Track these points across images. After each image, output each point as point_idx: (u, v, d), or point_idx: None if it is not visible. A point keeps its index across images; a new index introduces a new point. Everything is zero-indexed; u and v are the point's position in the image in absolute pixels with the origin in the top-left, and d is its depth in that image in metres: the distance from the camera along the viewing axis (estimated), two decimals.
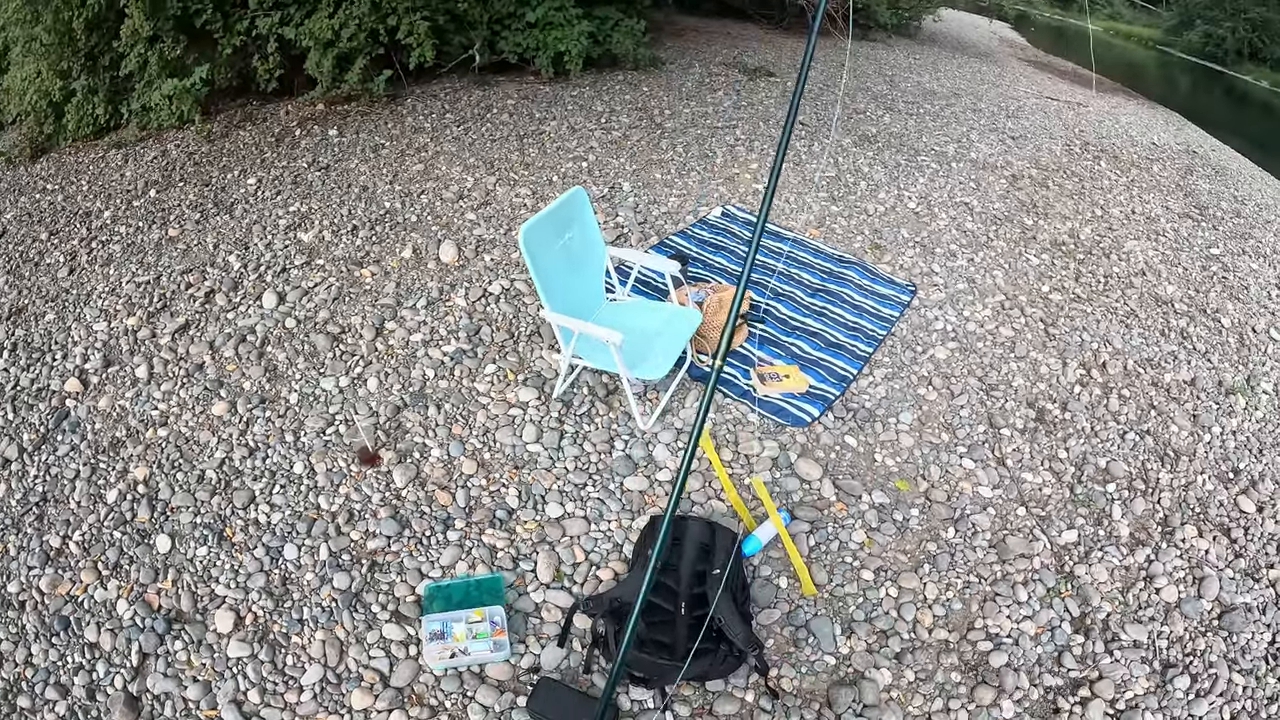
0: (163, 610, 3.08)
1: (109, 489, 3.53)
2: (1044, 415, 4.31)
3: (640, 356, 3.75)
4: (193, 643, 2.98)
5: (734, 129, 7.29)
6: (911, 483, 3.84)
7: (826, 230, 5.82)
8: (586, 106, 7.46)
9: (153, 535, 3.35)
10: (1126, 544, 3.68)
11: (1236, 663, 3.26)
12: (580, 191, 3.90)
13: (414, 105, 7.19)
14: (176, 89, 6.16)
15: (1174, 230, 6.41)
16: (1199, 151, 8.50)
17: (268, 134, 6.53)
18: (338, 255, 5.01)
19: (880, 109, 8.29)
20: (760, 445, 3.93)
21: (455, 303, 4.65)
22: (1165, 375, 4.70)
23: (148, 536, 3.34)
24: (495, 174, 6.10)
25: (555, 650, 3.02)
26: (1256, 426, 4.43)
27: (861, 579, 3.39)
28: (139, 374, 4.10)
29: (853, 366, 4.45)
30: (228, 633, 3.02)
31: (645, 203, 5.91)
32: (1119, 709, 3.05)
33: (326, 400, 3.99)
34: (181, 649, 2.97)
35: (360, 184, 5.82)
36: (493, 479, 3.66)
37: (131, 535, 3.35)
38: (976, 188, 6.67)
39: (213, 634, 3.01)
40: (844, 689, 2.99)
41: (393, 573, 3.24)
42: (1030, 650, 3.21)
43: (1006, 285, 5.35)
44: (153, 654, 2.95)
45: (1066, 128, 8.52)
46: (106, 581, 3.18)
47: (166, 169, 6.00)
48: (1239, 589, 3.54)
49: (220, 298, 4.61)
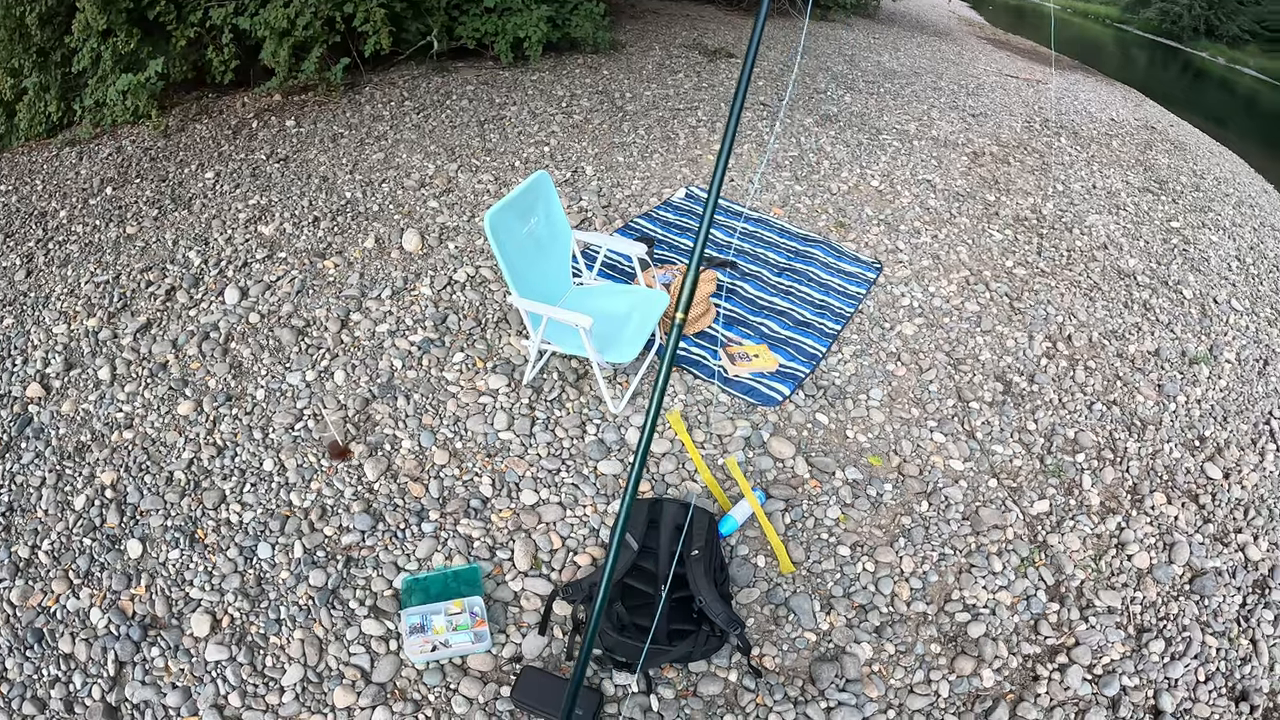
0: (137, 617, 3.03)
1: (76, 495, 3.46)
2: (1012, 388, 4.34)
3: (609, 340, 3.73)
4: (170, 648, 2.94)
5: (696, 110, 7.27)
6: (884, 458, 3.86)
7: (790, 210, 5.83)
8: (547, 91, 7.41)
9: (123, 540, 3.28)
10: (1097, 512, 3.73)
11: (1209, 625, 3.31)
12: (544, 176, 3.87)
13: (372, 94, 7.10)
14: (131, 84, 6.03)
15: (1134, 204, 6.48)
16: (1157, 127, 8.60)
17: (224, 126, 6.42)
18: (300, 247, 4.94)
19: (841, 89, 8.30)
20: (732, 425, 3.93)
21: (421, 292, 4.61)
22: (1130, 346, 4.76)
23: (118, 542, 3.28)
24: (457, 160, 6.04)
25: (536, 638, 3.01)
26: (1220, 395, 4.49)
27: (838, 555, 3.41)
28: (102, 376, 4.02)
29: (821, 344, 4.46)
30: (205, 636, 2.97)
31: (608, 186, 5.88)
32: (1096, 674, 3.10)
33: (294, 395, 3.94)
34: (159, 655, 2.92)
35: (320, 174, 5.74)
36: (465, 468, 3.63)
37: (102, 542, 3.28)
38: (939, 165, 6.70)
39: (190, 638, 2.97)
40: (826, 665, 3.00)
41: (369, 567, 3.21)
42: (1007, 619, 3.25)
43: (971, 261, 5.39)
44: (130, 662, 2.90)
45: (1026, 105, 8.58)
46: (79, 590, 3.11)
47: (122, 165, 5.88)
48: (1209, 554, 3.60)
49: (181, 295, 4.52)
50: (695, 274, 2.45)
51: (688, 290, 2.45)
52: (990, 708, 2.97)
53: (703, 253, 2.43)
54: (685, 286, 2.45)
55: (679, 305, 2.45)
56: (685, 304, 2.45)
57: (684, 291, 2.45)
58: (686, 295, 2.45)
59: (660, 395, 2.42)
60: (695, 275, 2.45)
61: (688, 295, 2.45)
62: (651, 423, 2.44)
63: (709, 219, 2.40)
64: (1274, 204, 7.30)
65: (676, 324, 2.46)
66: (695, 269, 2.45)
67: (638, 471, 2.42)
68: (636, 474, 2.42)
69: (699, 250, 2.40)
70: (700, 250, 2.40)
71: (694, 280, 2.46)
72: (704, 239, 2.39)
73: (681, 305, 2.45)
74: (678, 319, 2.46)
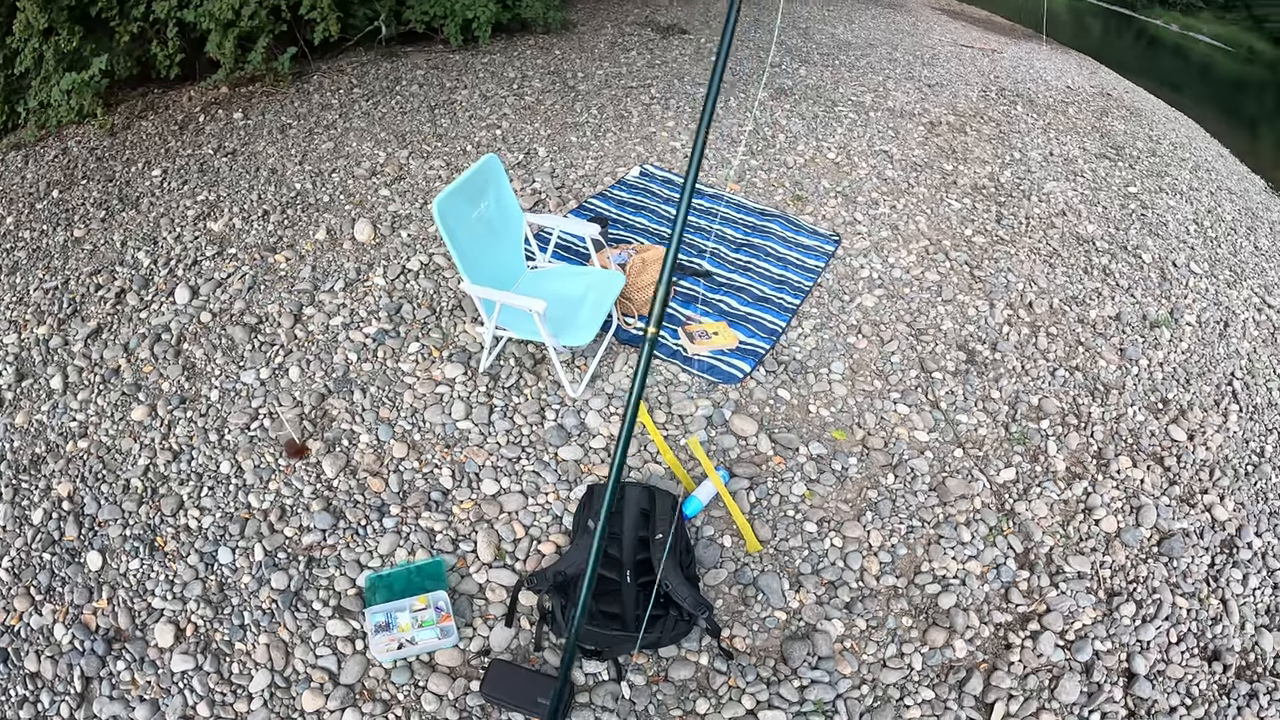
0: (101, 630, 2.95)
1: (34, 509, 3.36)
2: (974, 357, 4.34)
3: (565, 323, 3.70)
4: (135, 661, 2.87)
5: (649, 88, 7.21)
6: (848, 432, 3.85)
7: (746, 185, 5.80)
8: (498, 73, 7.31)
9: (83, 553, 3.20)
10: (1063, 478, 3.75)
11: (1179, 586, 3.34)
12: (493, 159, 3.80)
13: (320, 82, 6.97)
14: (75, 83, 5.87)
15: (1092, 171, 6.50)
16: (1113, 94, 8.62)
17: (171, 122, 6.27)
18: (250, 242, 4.84)
19: (796, 61, 8.26)
20: (694, 405, 3.90)
21: (374, 282, 4.53)
22: (1090, 312, 4.78)
23: (78, 555, 3.19)
24: (407, 147, 5.95)
25: (504, 631, 2.97)
26: (1182, 357, 4.52)
27: (805, 531, 3.39)
28: (54, 385, 3.91)
29: (781, 319, 4.44)
30: (169, 646, 2.90)
31: (562, 167, 5.82)
32: (1069, 639, 3.11)
33: (248, 394, 3.86)
34: (125, 669, 2.85)
35: (269, 167, 5.63)
36: (425, 460, 3.58)
37: (61, 556, 3.19)
38: (895, 136, 6.69)
39: (154, 649, 2.90)
40: (797, 643, 2.99)
41: (331, 567, 3.16)
42: (978, 589, 3.25)
43: (930, 230, 5.38)
44: (96, 677, 2.83)
45: (982, 74, 8.57)
46: (41, 607, 3.03)
47: (68, 167, 5.74)
48: (1175, 515, 3.63)
49: (131, 297, 4.42)
50: (667, 290, 2.41)
51: (659, 307, 2.40)
52: (964, 678, 2.97)
53: (674, 264, 2.39)
54: (657, 304, 2.41)
55: (651, 319, 2.40)
56: (658, 319, 2.41)
57: (654, 307, 2.41)
58: (658, 311, 2.41)
59: (635, 404, 2.37)
60: (667, 291, 2.41)
61: (659, 310, 2.41)
62: (626, 435, 2.39)
63: (681, 226, 2.36)
64: (1230, 168, 7.35)
65: (648, 341, 2.42)
66: (667, 284, 2.41)
67: (612, 489, 2.38)
68: (612, 491, 2.38)
69: (670, 262, 2.35)
70: (671, 263, 2.36)
71: (665, 294, 2.42)
72: (675, 251, 2.34)
73: (654, 320, 2.40)
74: (649, 335, 2.42)
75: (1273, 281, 5.36)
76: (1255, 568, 3.47)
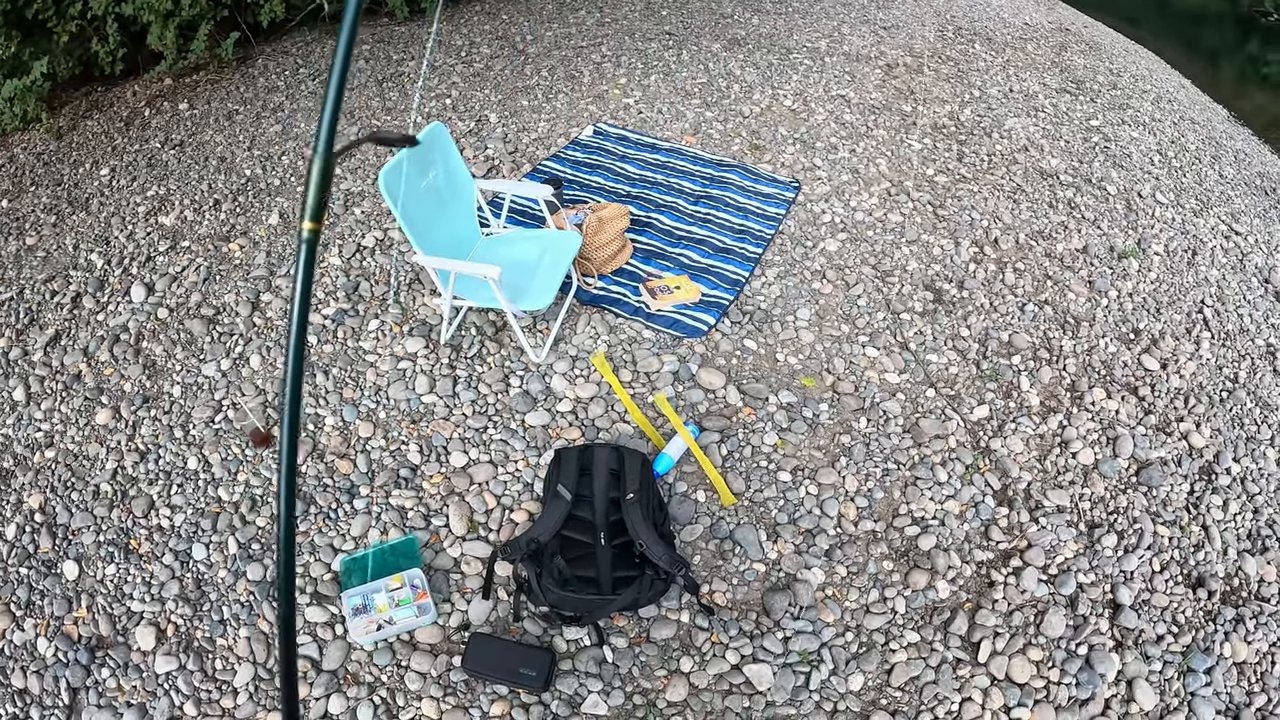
0: (83, 640, 2.92)
1: (7, 524, 3.30)
2: (942, 296, 4.32)
3: (522, 288, 3.66)
4: (120, 666, 2.84)
5: (599, 46, 7.10)
6: (817, 378, 3.83)
7: (703, 136, 5.74)
8: (445, 42, 7.18)
9: (59, 564, 3.16)
10: (1038, 413, 3.74)
11: (1159, 515, 3.35)
12: (439, 127, 3.72)
13: (265, 65, 6.83)
14: (17, 89, 5.73)
15: (1053, 106, 6.46)
16: (1072, 29, 8.56)
17: (116, 119, 6.14)
18: (202, 233, 4.75)
19: (748, 11, 8.14)
20: (659, 361, 3.87)
21: (330, 262, 4.47)
22: (1057, 245, 4.76)
23: (54, 566, 3.15)
24: (356, 123, 5.85)
25: (481, 603, 2.96)
26: (1152, 287, 4.51)
27: (780, 481, 3.38)
28: (16, 397, 3.83)
29: (743, 269, 4.41)
30: (152, 649, 2.88)
31: (514, 131, 5.74)
32: (1051, 574, 3.12)
33: (210, 387, 3.80)
34: (110, 676, 2.82)
35: (218, 155, 5.53)
36: (391, 438, 3.54)
37: (38, 568, 3.15)
38: (852, 80, 6.62)
39: (138, 653, 2.87)
40: (778, 594, 2.99)
41: (305, 553, 3.13)
42: (957, 529, 3.25)
43: (891, 172, 5.34)
44: (83, 687, 2.80)
45: (938, 14, 8.49)
46: (22, 622, 2.99)
47: (15, 175, 5.61)
48: (1152, 444, 3.63)
49: (88, 300, 4.33)
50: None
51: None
52: (949, 619, 2.98)
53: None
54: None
55: (307, 214, 2.07)
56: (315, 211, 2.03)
57: (310, 197, 2.06)
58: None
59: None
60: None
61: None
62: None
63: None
64: (1192, 98, 7.32)
65: (305, 243, 2.19)
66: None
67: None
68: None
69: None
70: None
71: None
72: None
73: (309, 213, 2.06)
74: (307, 230, 2.18)
75: (1239, 209, 5.34)
76: (1235, 493, 3.48)
